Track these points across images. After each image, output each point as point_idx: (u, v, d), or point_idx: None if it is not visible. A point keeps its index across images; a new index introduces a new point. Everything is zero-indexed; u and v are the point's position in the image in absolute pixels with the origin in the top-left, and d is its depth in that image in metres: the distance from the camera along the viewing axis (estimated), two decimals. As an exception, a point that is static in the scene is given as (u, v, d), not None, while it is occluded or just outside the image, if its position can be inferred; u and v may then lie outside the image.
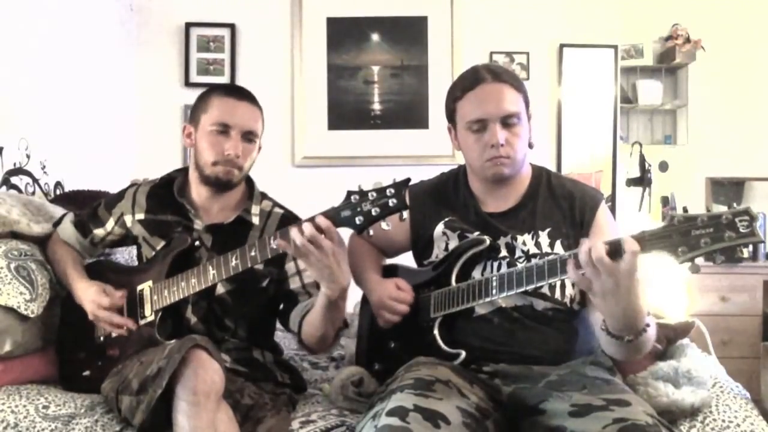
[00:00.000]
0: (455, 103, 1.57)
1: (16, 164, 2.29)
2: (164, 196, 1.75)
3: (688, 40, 3.83)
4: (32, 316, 1.70)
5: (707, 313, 3.41)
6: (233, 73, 3.47)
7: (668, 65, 3.94)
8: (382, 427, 1.19)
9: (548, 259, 1.34)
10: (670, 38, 3.89)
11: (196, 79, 3.45)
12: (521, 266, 1.40)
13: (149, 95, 3.44)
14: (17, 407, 1.54)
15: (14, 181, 2.25)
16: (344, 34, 3.49)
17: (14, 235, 1.81)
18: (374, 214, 1.32)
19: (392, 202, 1.31)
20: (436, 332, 1.53)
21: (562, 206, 1.58)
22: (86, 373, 1.70)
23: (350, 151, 3.46)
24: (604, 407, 1.25)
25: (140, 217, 1.76)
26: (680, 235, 1.15)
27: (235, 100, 1.67)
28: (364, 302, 1.75)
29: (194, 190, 1.73)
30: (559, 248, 1.53)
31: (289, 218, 1.72)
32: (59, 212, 1.99)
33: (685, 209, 1.19)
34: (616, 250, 1.19)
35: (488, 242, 1.53)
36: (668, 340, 1.79)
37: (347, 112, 3.49)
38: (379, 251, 1.78)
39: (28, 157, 2.35)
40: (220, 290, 1.66)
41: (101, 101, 3.04)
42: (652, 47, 3.98)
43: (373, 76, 3.51)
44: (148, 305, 1.65)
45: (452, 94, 1.59)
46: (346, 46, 3.49)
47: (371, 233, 1.35)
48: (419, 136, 3.47)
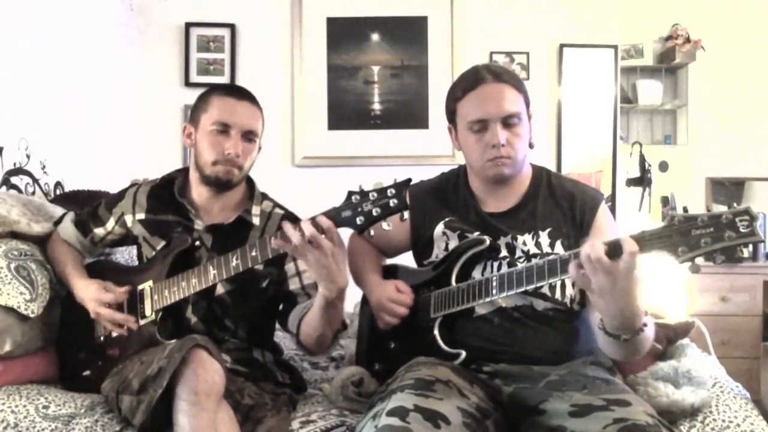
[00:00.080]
0: (456, 103, 1.57)
1: (16, 164, 2.28)
2: (165, 196, 1.75)
3: (688, 40, 3.83)
4: (32, 316, 1.70)
5: (707, 313, 3.41)
6: (233, 73, 3.47)
7: (668, 65, 3.94)
8: (382, 427, 1.19)
9: (548, 259, 1.34)
10: (670, 38, 3.89)
11: (196, 79, 3.46)
12: (521, 266, 1.40)
13: (149, 95, 3.44)
14: (17, 407, 1.54)
15: (14, 181, 2.25)
16: (344, 34, 3.48)
17: (14, 235, 1.81)
18: (375, 214, 1.32)
19: (393, 202, 1.31)
20: (436, 332, 1.53)
21: (562, 206, 1.58)
22: (86, 373, 1.70)
23: (350, 151, 3.46)
24: (604, 407, 1.25)
25: (141, 216, 1.76)
26: (680, 234, 1.15)
27: (234, 99, 1.67)
28: (364, 302, 1.75)
29: (195, 190, 1.73)
30: (559, 248, 1.53)
31: (289, 219, 1.71)
32: (59, 212, 1.99)
33: (685, 209, 1.18)
34: (615, 249, 1.19)
35: (488, 242, 1.53)
36: (668, 340, 1.79)
37: (347, 112, 3.49)
38: (379, 252, 1.78)
39: (28, 157, 2.35)
40: (219, 290, 1.66)
41: (101, 101, 3.04)
42: (652, 47, 3.98)
43: (373, 76, 3.50)
44: (148, 305, 1.65)
45: (453, 94, 1.59)
46: (346, 46, 3.49)
47: (372, 233, 1.35)
48: (419, 136, 3.47)
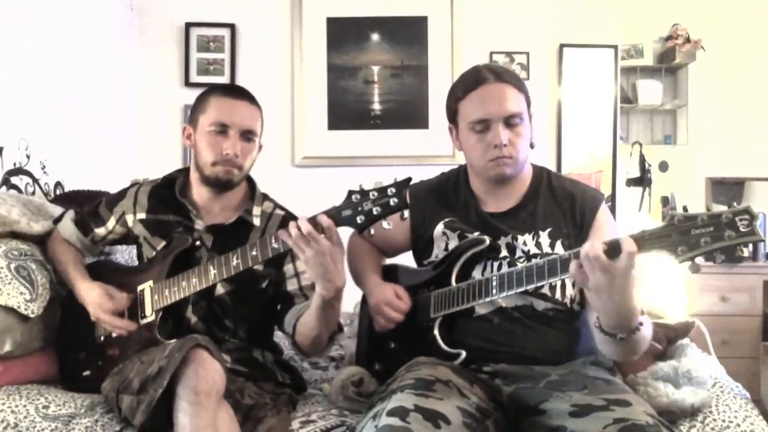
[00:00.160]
0: (457, 103, 1.57)
1: (16, 164, 2.28)
2: (166, 196, 1.75)
3: (688, 40, 3.83)
4: (32, 316, 1.70)
5: (707, 313, 3.41)
6: (233, 73, 3.46)
7: (668, 65, 3.94)
8: (382, 427, 1.19)
9: (548, 259, 1.34)
10: (670, 38, 3.89)
11: (196, 79, 3.45)
12: (521, 266, 1.40)
13: (149, 95, 3.44)
14: (17, 407, 1.54)
15: (14, 181, 2.25)
16: (344, 34, 3.48)
17: (14, 235, 1.81)
18: (375, 213, 1.32)
19: (393, 201, 1.31)
20: (436, 332, 1.53)
21: (562, 206, 1.58)
22: (86, 372, 1.70)
23: (350, 151, 3.46)
24: (604, 407, 1.25)
25: (141, 216, 1.76)
26: (680, 234, 1.15)
27: (232, 99, 1.67)
28: (364, 302, 1.75)
29: (195, 190, 1.73)
30: (559, 248, 1.53)
31: (289, 220, 1.71)
32: (59, 212, 1.98)
33: (685, 209, 1.18)
34: (613, 249, 1.19)
35: (488, 242, 1.53)
36: (668, 340, 1.79)
37: (347, 112, 3.49)
38: (379, 251, 1.78)
39: (28, 157, 2.35)
40: (219, 291, 1.66)
41: (101, 101, 3.04)
42: (652, 47, 3.97)
43: (373, 76, 3.50)
44: (148, 305, 1.65)
45: (454, 94, 1.59)
46: (346, 46, 3.49)
47: (372, 232, 1.35)
48: (419, 136, 3.46)
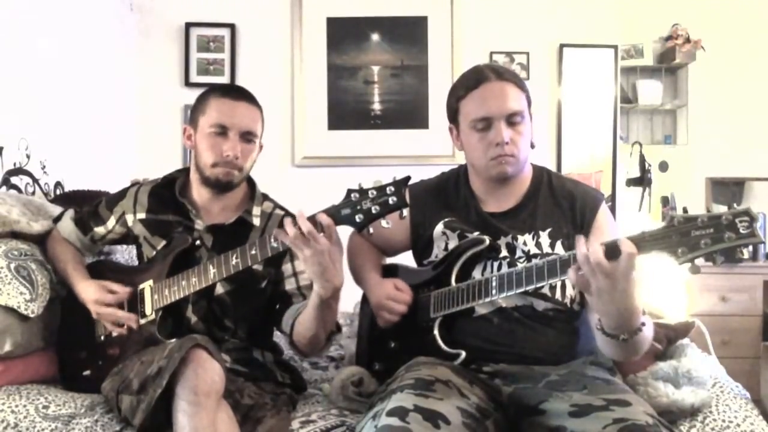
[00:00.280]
0: (458, 102, 1.57)
1: (16, 164, 2.28)
2: (166, 195, 1.75)
3: (688, 40, 3.83)
4: (32, 316, 1.69)
5: (707, 313, 3.40)
6: (233, 73, 3.47)
7: (668, 65, 3.94)
8: (382, 427, 1.19)
9: (548, 259, 1.34)
10: (670, 38, 3.89)
11: (196, 79, 3.45)
12: (521, 266, 1.40)
13: (149, 95, 3.44)
14: (17, 407, 1.54)
15: (14, 181, 2.25)
16: (344, 34, 3.48)
17: (14, 234, 1.80)
18: (374, 212, 1.32)
19: (392, 200, 1.31)
20: (436, 332, 1.53)
21: (562, 206, 1.58)
22: (86, 372, 1.70)
23: (350, 151, 3.46)
24: (604, 407, 1.25)
25: (141, 216, 1.75)
26: (680, 235, 1.15)
27: (232, 100, 1.66)
28: (364, 302, 1.75)
29: (195, 190, 1.73)
30: (559, 248, 1.53)
31: (289, 220, 1.72)
32: (59, 212, 1.98)
33: (685, 209, 1.18)
34: (612, 251, 1.19)
35: (488, 242, 1.53)
36: (668, 340, 1.79)
37: (347, 112, 3.49)
38: (379, 250, 1.78)
39: (28, 157, 2.35)
40: (219, 290, 1.66)
41: (101, 101, 3.04)
42: (652, 47, 3.97)
43: (373, 76, 3.50)
44: (148, 304, 1.65)
45: (455, 93, 1.59)
46: (346, 46, 3.49)
47: (371, 231, 1.35)
48: (419, 136, 3.47)
